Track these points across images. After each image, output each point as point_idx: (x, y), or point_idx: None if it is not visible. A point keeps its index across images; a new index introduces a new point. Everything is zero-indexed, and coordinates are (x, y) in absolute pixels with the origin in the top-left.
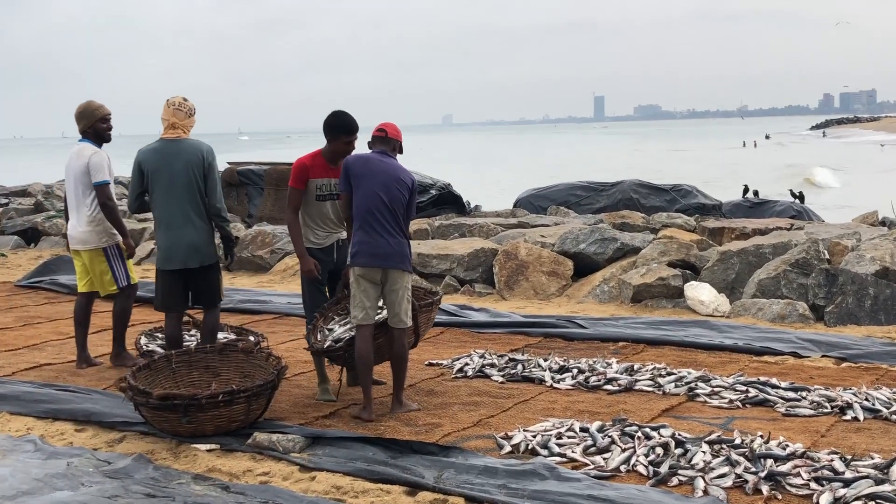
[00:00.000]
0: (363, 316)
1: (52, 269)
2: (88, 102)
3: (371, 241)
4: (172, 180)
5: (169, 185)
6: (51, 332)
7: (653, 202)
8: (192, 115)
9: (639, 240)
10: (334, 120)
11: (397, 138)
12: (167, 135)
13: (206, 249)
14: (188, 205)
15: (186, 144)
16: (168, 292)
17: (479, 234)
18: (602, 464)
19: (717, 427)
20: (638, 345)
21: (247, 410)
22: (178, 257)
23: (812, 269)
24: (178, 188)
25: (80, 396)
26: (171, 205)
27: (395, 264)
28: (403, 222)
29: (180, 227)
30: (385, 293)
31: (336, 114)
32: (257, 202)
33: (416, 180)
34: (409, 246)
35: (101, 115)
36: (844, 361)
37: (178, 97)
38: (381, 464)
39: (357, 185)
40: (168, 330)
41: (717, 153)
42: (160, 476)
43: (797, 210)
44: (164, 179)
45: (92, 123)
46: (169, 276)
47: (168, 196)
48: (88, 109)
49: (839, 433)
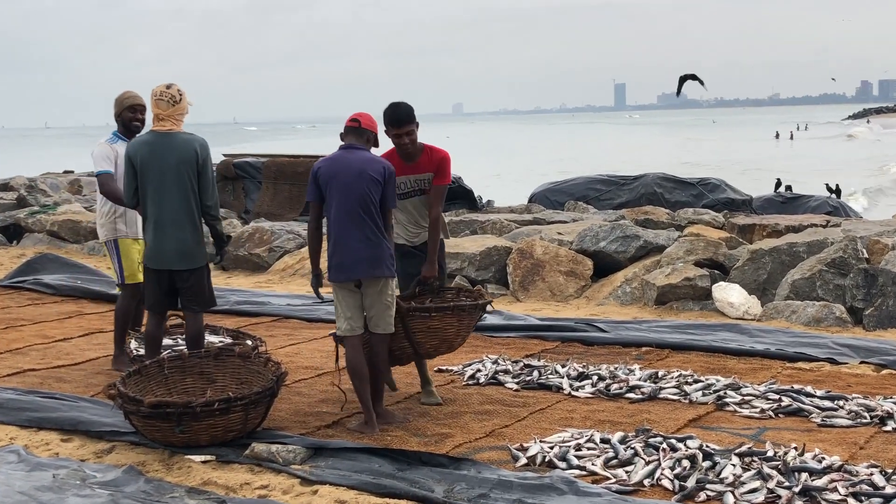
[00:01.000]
0: (346, 327)
1: (35, 268)
2: (124, 91)
3: (339, 252)
4: (163, 177)
5: (159, 181)
6: (35, 335)
7: (678, 197)
8: (176, 102)
9: (663, 237)
10: (384, 112)
11: (371, 129)
12: (157, 127)
13: (195, 251)
14: (178, 203)
15: (179, 139)
16: (152, 291)
17: (491, 231)
18: (624, 477)
19: (748, 438)
20: (662, 350)
21: (244, 419)
22: (164, 258)
23: (850, 268)
24: (169, 186)
25: (66, 404)
26: (160, 203)
27: (365, 272)
28: (380, 219)
29: (168, 227)
30: (363, 298)
31: (388, 106)
32: (255, 197)
33: (388, 167)
34: (387, 245)
35: (129, 105)
36: (885, 368)
37: (160, 86)
38: (387, 476)
39: (327, 190)
40: (147, 328)
41: (748, 145)
42: (152, 489)
43: (833, 206)
44: (154, 175)
45: (119, 112)
46: (154, 274)
47: (157, 193)
48: (120, 97)
49: (879, 445)
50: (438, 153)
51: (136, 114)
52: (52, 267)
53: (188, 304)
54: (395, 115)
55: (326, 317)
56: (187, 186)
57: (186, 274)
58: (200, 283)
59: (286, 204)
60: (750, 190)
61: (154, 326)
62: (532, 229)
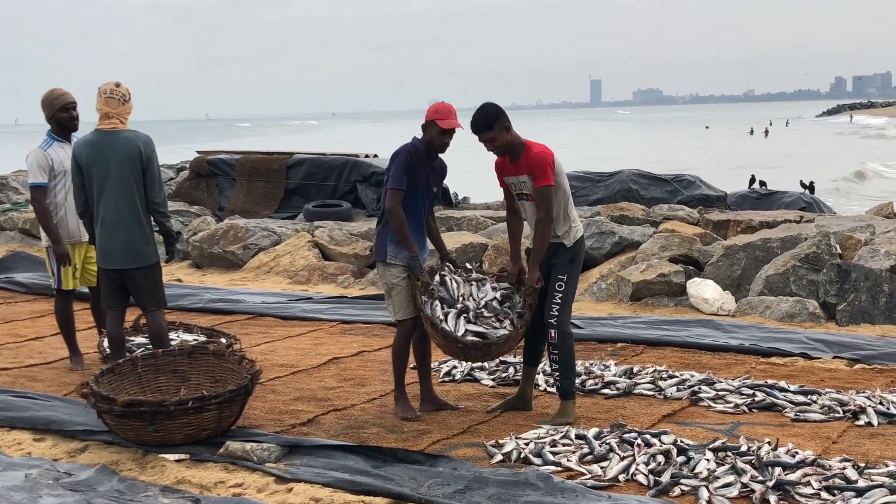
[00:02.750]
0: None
1: (7, 266)
2: (51, 90)
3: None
4: (108, 176)
5: (103, 180)
6: (6, 334)
7: (653, 193)
8: (126, 101)
9: (638, 234)
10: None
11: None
12: (102, 125)
13: (143, 249)
14: (124, 202)
15: (122, 137)
16: (107, 290)
17: (467, 227)
18: (600, 473)
19: (722, 433)
20: (637, 346)
21: (218, 418)
22: (112, 257)
23: (823, 264)
24: (113, 184)
25: (38, 403)
26: (105, 202)
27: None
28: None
29: (115, 226)
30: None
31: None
32: (228, 194)
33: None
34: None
35: (62, 104)
36: (857, 363)
37: (109, 84)
38: (362, 474)
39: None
40: (108, 328)
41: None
42: (125, 488)
43: (807, 201)
44: (99, 174)
45: (53, 113)
46: (104, 273)
47: (103, 192)
48: (49, 98)
49: (852, 439)
50: (530, 151)
51: (70, 112)
52: (24, 265)
53: (141, 302)
54: (471, 122)
55: (301, 314)
56: (132, 184)
57: (134, 272)
58: (151, 281)
59: (260, 201)
60: (725, 186)
61: (113, 325)
62: None
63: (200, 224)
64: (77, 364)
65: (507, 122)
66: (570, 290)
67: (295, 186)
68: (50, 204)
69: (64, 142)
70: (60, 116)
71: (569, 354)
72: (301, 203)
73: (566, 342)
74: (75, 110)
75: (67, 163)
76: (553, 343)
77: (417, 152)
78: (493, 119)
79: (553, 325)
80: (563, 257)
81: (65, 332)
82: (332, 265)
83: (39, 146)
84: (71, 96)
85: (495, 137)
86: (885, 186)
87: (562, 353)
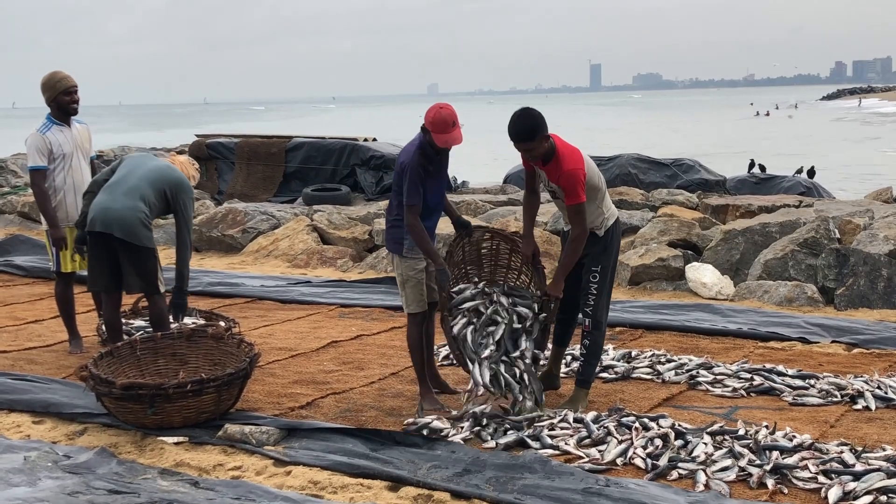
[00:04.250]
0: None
1: (6, 249)
2: (52, 73)
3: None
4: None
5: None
6: (5, 317)
7: (652, 178)
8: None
9: (637, 218)
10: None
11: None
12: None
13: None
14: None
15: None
16: (93, 268)
17: (466, 211)
18: (597, 456)
19: (720, 417)
20: (636, 330)
21: (217, 401)
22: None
23: (822, 249)
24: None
25: (38, 386)
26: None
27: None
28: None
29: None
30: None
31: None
32: (227, 177)
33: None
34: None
35: (64, 88)
36: (855, 347)
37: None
38: (361, 457)
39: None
40: (105, 314)
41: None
42: (124, 471)
43: (806, 186)
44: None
45: (55, 96)
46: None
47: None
48: (51, 81)
49: (849, 423)
50: (561, 166)
51: (73, 95)
52: (22, 248)
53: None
54: (512, 130)
55: (300, 298)
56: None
57: (124, 246)
58: (143, 263)
59: (259, 185)
60: (725, 171)
61: (109, 311)
62: (506, 210)
63: (199, 208)
64: (76, 347)
65: (546, 131)
66: (605, 279)
67: (294, 170)
68: (49, 187)
69: (63, 125)
70: (62, 100)
71: (600, 344)
72: (300, 187)
73: (600, 331)
74: (77, 94)
75: (66, 146)
76: (587, 331)
77: (426, 156)
78: (534, 131)
79: (589, 314)
80: (597, 247)
81: (64, 315)
82: (331, 249)
83: (38, 129)
84: (72, 80)
85: (534, 148)
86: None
87: (593, 342)
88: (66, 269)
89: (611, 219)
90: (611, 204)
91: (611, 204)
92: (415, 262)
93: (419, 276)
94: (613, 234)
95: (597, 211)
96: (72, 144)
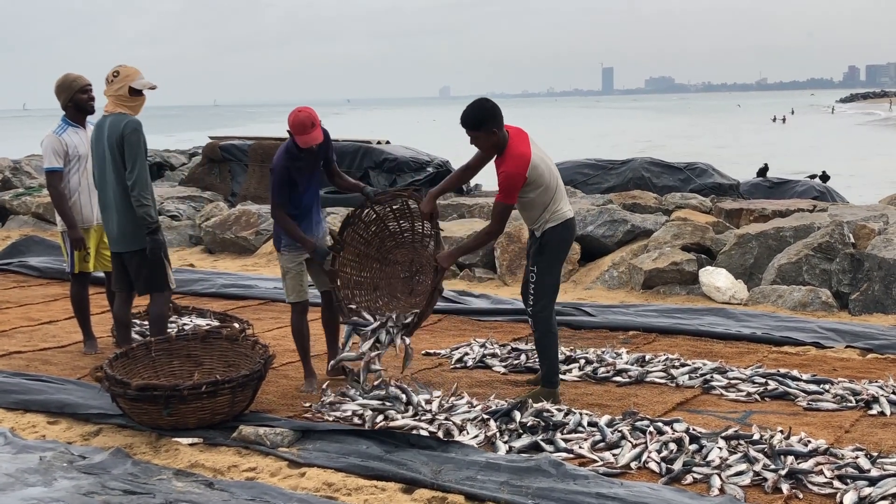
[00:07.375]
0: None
1: (21, 250)
2: (65, 75)
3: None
4: (104, 160)
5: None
6: (21, 317)
7: (665, 181)
8: (108, 81)
9: (650, 222)
10: None
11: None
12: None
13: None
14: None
15: (110, 121)
16: (115, 273)
17: (479, 215)
18: (611, 460)
19: (735, 422)
20: (649, 334)
21: (231, 402)
22: (111, 240)
23: (836, 253)
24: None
25: (52, 387)
26: (102, 186)
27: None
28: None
29: (107, 210)
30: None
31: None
32: (241, 179)
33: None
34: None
35: (81, 86)
36: (870, 352)
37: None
38: (375, 459)
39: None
40: (114, 310)
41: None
42: (139, 471)
43: (820, 190)
44: (98, 159)
45: (72, 96)
46: (113, 257)
47: (102, 177)
48: (66, 82)
49: (864, 429)
50: (503, 165)
51: (89, 93)
52: (37, 249)
53: (135, 287)
54: (462, 116)
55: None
56: (120, 168)
57: (128, 256)
58: (142, 265)
59: None
60: (737, 175)
61: (119, 307)
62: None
63: (213, 210)
64: (91, 348)
65: (496, 125)
66: (543, 278)
67: None
68: (65, 188)
69: (79, 127)
70: (79, 98)
71: (545, 343)
72: None
73: (541, 331)
74: (92, 91)
75: (82, 147)
76: (532, 329)
77: (291, 156)
78: (481, 122)
79: (529, 313)
80: (532, 247)
81: (79, 315)
82: None
83: (54, 131)
84: (86, 78)
85: (479, 138)
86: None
87: (536, 340)
88: (83, 270)
89: (554, 222)
90: (563, 208)
91: (563, 208)
92: (293, 255)
93: (298, 268)
94: (554, 237)
95: (538, 211)
96: (87, 146)
